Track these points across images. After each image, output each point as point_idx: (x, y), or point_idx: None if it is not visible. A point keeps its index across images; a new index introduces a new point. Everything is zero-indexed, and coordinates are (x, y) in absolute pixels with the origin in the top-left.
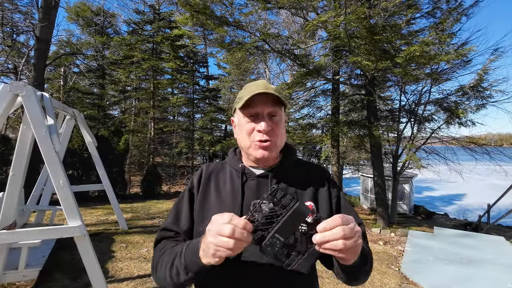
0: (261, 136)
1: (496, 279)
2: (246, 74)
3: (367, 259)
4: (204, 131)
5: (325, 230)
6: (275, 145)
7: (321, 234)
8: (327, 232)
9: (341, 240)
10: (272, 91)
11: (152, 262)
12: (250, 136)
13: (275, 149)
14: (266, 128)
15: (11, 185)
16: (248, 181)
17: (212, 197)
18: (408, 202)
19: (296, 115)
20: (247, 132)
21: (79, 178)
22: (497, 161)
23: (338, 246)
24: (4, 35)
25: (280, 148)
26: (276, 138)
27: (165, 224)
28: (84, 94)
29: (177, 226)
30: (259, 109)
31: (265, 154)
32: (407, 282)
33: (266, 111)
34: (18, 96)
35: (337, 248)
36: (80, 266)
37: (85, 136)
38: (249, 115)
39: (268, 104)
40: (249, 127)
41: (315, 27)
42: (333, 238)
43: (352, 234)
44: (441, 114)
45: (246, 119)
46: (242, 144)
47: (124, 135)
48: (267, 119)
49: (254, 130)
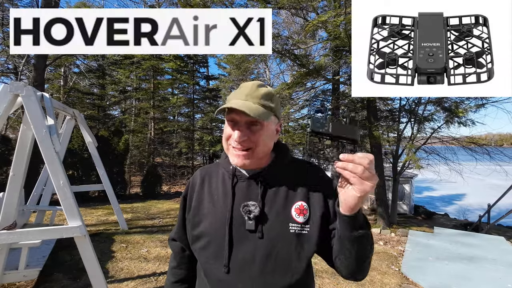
0: (235, 144)
1: (496, 279)
2: (246, 74)
3: (370, 228)
4: (204, 131)
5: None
6: (253, 152)
7: (349, 154)
8: (357, 156)
9: (361, 167)
10: (246, 110)
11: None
12: (227, 141)
13: (252, 157)
14: (238, 139)
15: (11, 185)
16: (239, 183)
17: (205, 200)
18: (408, 202)
19: (296, 115)
20: (225, 136)
21: (79, 178)
22: (497, 161)
23: (358, 169)
24: (4, 35)
25: (264, 153)
26: (255, 145)
27: (172, 234)
28: (84, 94)
29: (179, 236)
30: (237, 117)
31: (239, 162)
32: (407, 282)
33: (244, 120)
34: (18, 96)
35: (356, 170)
36: (80, 266)
37: (85, 136)
38: (229, 119)
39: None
40: (227, 131)
41: (315, 27)
42: (358, 161)
43: (372, 170)
44: (441, 114)
45: (227, 123)
46: (223, 146)
47: (124, 135)
48: (244, 128)
49: (231, 136)
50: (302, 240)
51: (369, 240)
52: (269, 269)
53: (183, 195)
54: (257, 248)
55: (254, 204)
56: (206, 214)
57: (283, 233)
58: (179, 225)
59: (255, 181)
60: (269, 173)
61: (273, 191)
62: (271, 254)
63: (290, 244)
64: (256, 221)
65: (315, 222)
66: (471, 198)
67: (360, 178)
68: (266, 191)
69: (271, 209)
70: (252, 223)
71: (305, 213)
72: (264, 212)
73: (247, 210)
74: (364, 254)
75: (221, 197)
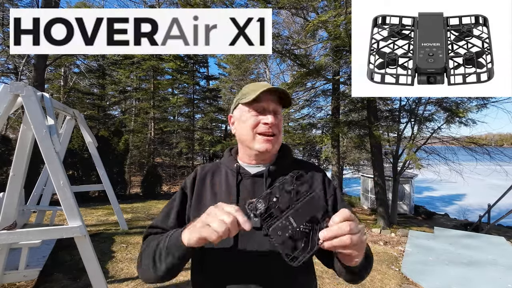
0: (267, 128)
1: (496, 279)
2: (246, 74)
3: (370, 259)
4: (204, 131)
5: (334, 224)
6: (277, 140)
7: (328, 229)
8: (334, 227)
9: (348, 235)
10: (279, 88)
11: (138, 256)
12: (254, 129)
13: (276, 144)
14: (273, 121)
15: (11, 185)
16: (243, 181)
17: (207, 197)
18: (409, 202)
19: (296, 115)
20: (251, 125)
21: (79, 178)
22: (497, 161)
23: (345, 242)
24: (4, 35)
25: (279, 146)
26: (279, 133)
27: (154, 221)
28: (84, 94)
29: (165, 224)
30: (266, 105)
31: (269, 147)
32: (407, 283)
33: (271, 107)
34: (19, 97)
35: (344, 243)
36: (80, 266)
37: (85, 136)
38: (255, 109)
39: (274, 101)
40: (254, 120)
41: (315, 27)
42: (340, 233)
43: (357, 229)
44: (441, 114)
45: (251, 113)
46: (244, 136)
47: (124, 135)
48: (273, 115)
49: (259, 123)
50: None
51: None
52: (274, 266)
53: (181, 187)
54: (262, 245)
55: (260, 201)
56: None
57: None
58: (166, 215)
59: (260, 178)
60: (273, 171)
61: None
62: (276, 252)
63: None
64: (261, 218)
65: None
66: (471, 198)
67: (351, 247)
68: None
69: None
70: (258, 220)
71: None
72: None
73: (253, 207)
74: (365, 275)
75: (224, 194)
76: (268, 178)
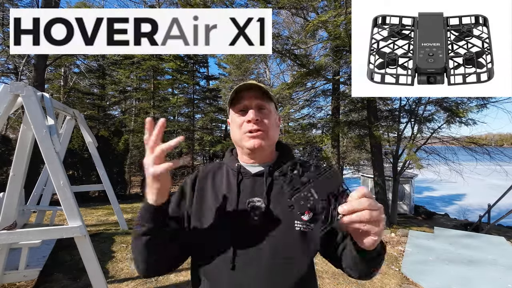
0: (251, 126)
1: (496, 279)
2: (246, 74)
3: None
4: (205, 131)
5: (353, 199)
6: (267, 134)
7: (348, 203)
8: (354, 201)
9: (367, 210)
10: (258, 84)
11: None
12: (241, 128)
13: (267, 138)
14: (254, 117)
15: (12, 185)
16: (244, 180)
17: (209, 195)
18: (409, 202)
19: (296, 115)
20: (237, 125)
21: (79, 178)
22: (497, 161)
23: (364, 216)
24: (4, 35)
25: (274, 140)
26: (267, 128)
27: None
28: (84, 94)
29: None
30: (247, 102)
31: (257, 143)
32: (407, 283)
33: (253, 103)
34: (19, 97)
35: (363, 218)
36: (80, 266)
37: (85, 136)
38: (239, 110)
39: (258, 97)
40: (239, 120)
41: (315, 27)
42: (360, 207)
43: (377, 206)
44: (441, 114)
45: (236, 114)
46: (234, 137)
47: (124, 135)
48: (256, 111)
49: (244, 122)
50: (306, 238)
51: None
52: (274, 265)
53: (181, 185)
54: (262, 244)
55: (260, 201)
56: (210, 209)
57: (288, 230)
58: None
59: (260, 178)
60: (274, 170)
61: (279, 188)
62: (276, 250)
63: (295, 241)
64: (261, 218)
65: (319, 221)
66: (471, 198)
67: (371, 224)
68: (271, 188)
69: (276, 206)
70: (258, 219)
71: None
72: (270, 208)
73: (252, 206)
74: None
75: (226, 193)
76: (268, 178)
